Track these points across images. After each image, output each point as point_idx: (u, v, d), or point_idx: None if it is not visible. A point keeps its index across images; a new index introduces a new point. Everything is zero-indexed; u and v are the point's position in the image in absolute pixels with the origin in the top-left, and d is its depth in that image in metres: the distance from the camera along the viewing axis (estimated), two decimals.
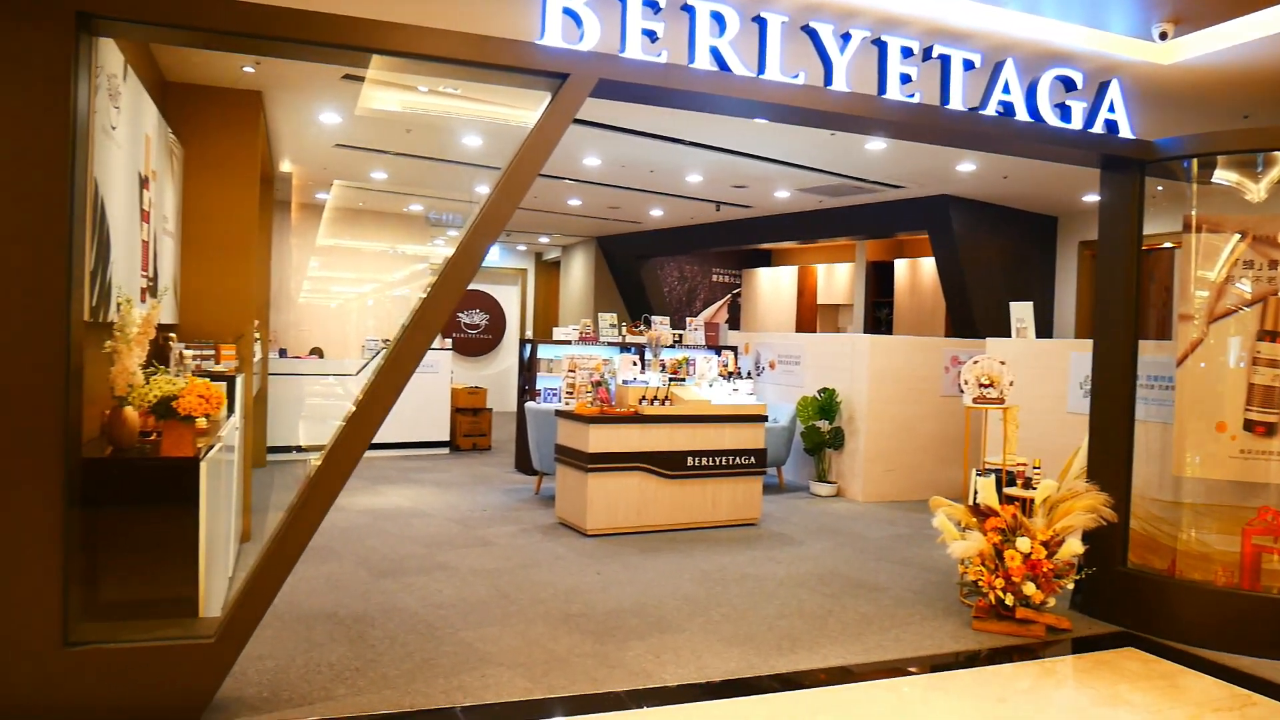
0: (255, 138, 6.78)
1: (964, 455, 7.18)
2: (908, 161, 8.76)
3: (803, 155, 8.76)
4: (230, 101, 6.65)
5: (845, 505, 8.98)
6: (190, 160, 6.54)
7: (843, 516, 8.40)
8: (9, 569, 3.34)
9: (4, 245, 3.28)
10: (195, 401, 3.66)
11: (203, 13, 3.52)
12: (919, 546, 7.20)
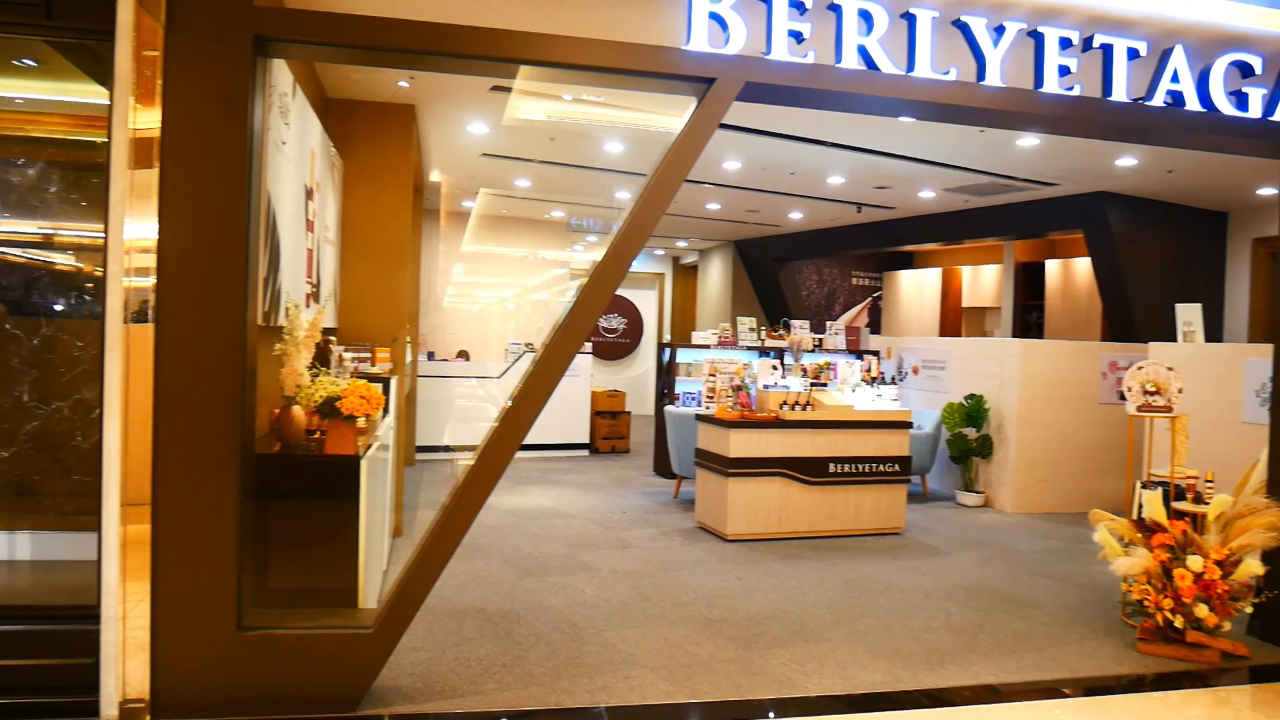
0: (409, 149, 7.06)
1: (1127, 466, 6.80)
2: (1062, 158, 8.37)
3: (949, 154, 8.49)
4: (386, 115, 6.95)
5: (994, 516, 8.65)
6: (349, 172, 6.87)
7: (991, 528, 8.09)
8: (194, 557, 3.58)
9: (191, 254, 3.52)
10: (357, 402, 3.84)
11: (366, 31, 3.70)
12: (1075, 561, 6.86)
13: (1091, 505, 5.80)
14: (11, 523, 4.40)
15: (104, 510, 3.54)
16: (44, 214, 4.41)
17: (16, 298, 4.39)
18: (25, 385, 4.34)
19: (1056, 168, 8.83)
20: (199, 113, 3.51)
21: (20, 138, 4.45)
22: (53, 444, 4.38)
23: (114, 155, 3.49)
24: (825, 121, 7.35)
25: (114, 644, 3.57)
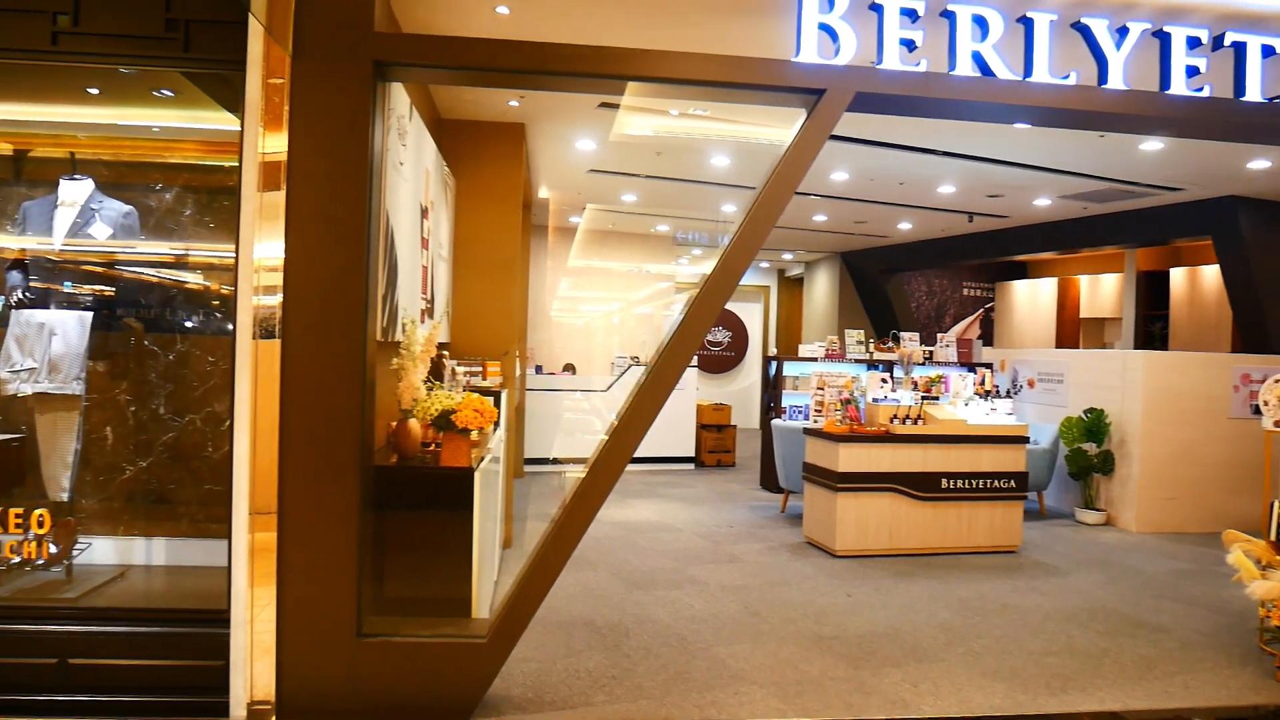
0: (519, 167, 7.21)
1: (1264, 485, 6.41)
2: (1188, 162, 7.98)
3: (1067, 160, 8.19)
4: (496, 134, 7.11)
5: (1116, 535, 8.27)
6: (461, 190, 7.05)
7: (1114, 548, 7.74)
8: (317, 565, 3.71)
9: (315, 272, 3.67)
10: (471, 415, 3.92)
11: (481, 53, 3.79)
12: (1207, 584, 6.50)
13: (1223, 525, 5.49)
14: (148, 529, 4.63)
15: (234, 519, 3.70)
16: (179, 236, 4.64)
17: (153, 315, 4.63)
18: (161, 399, 4.58)
19: (1183, 172, 8.43)
20: (323, 136, 3.66)
21: (158, 164, 4.70)
22: (186, 454, 4.60)
23: (244, 178, 3.66)
24: (936, 130, 7.19)
25: (243, 648, 3.72)
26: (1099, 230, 11.12)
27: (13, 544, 4.03)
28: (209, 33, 3.85)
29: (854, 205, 10.86)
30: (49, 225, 4.31)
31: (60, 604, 3.94)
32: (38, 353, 4.18)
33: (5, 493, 4.20)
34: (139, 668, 3.80)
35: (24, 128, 4.74)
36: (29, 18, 3.81)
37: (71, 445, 4.28)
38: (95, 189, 4.37)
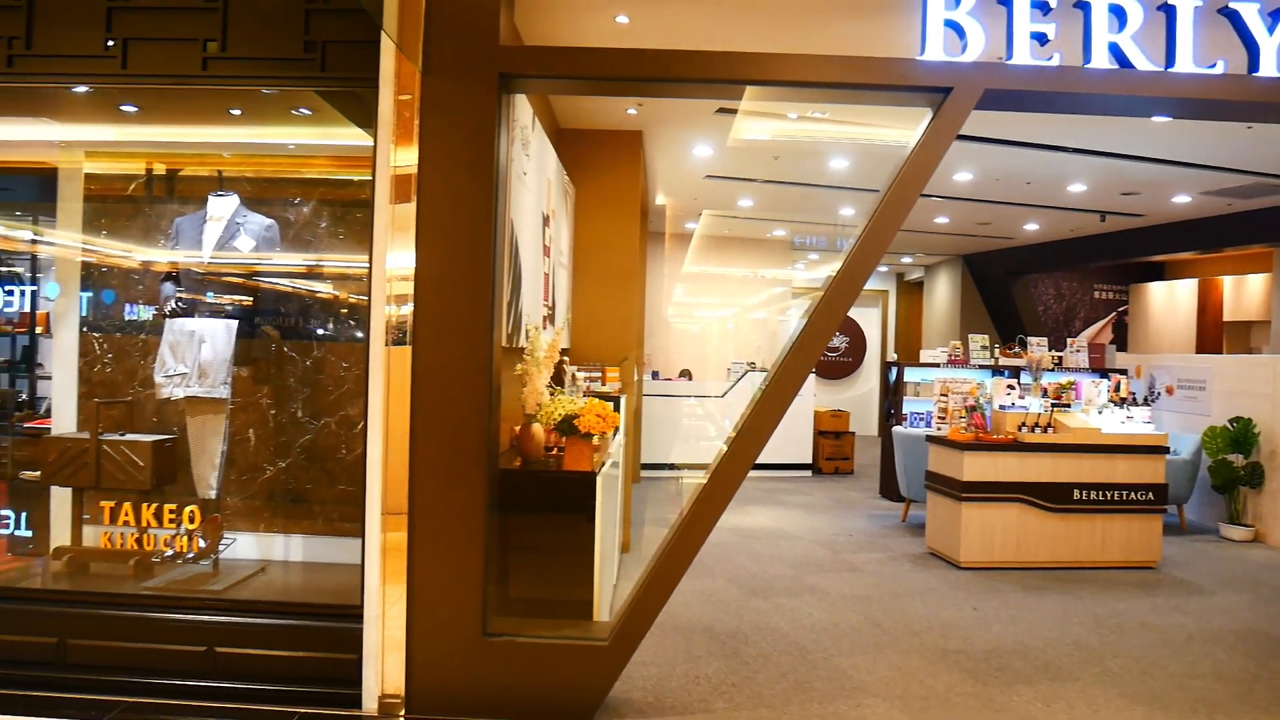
0: (637, 174, 7.27)
1: None
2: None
3: (1210, 154, 7.76)
4: (615, 142, 7.20)
5: (1266, 553, 7.77)
6: (580, 198, 7.16)
7: (1264, 566, 7.27)
8: (445, 564, 3.82)
9: (443, 280, 3.78)
10: (594, 420, 3.97)
11: (603, 63, 3.84)
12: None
13: None
14: (286, 526, 4.85)
15: (367, 519, 3.84)
16: (315, 247, 4.86)
17: (292, 323, 4.85)
18: (299, 403, 4.79)
19: None
20: (452, 149, 3.77)
21: (296, 179, 4.94)
22: (321, 456, 4.81)
23: (377, 191, 3.81)
24: (1066, 126, 6.92)
25: (375, 642, 3.86)
26: (1245, 228, 10.49)
27: (167, 538, 4.29)
28: (344, 52, 4.02)
29: (977, 206, 10.55)
30: (198, 239, 4.57)
31: (208, 596, 4.17)
32: (189, 359, 4.44)
33: (159, 490, 4.47)
34: (279, 658, 3.98)
35: (175, 148, 5.05)
36: (182, 46, 4.05)
37: (219, 446, 4.53)
38: (240, 204, 4.62)
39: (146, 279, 4.90)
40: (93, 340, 4.92)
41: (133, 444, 4.40)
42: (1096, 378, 8.66)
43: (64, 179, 4.95)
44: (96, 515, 4.51)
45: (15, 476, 4.87)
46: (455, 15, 3.78)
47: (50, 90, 4.42)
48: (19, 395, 9.62)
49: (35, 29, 4.14)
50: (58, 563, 4.54)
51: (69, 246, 4.98)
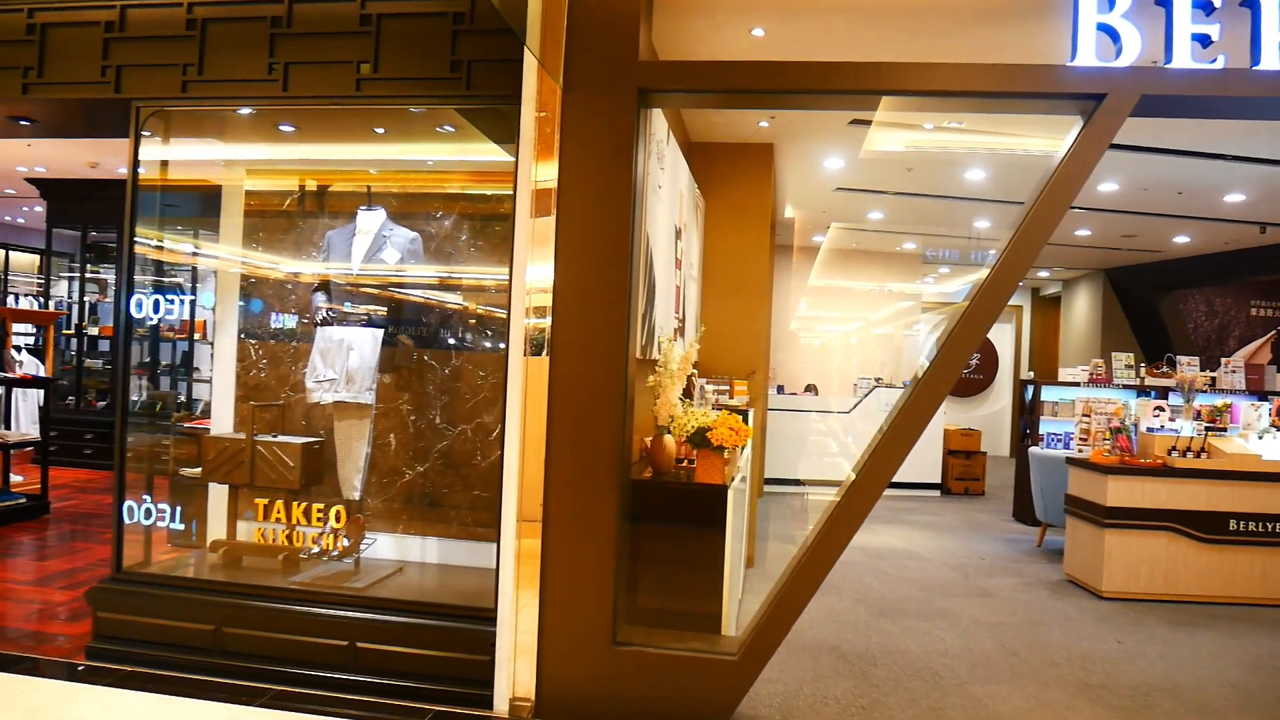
0: (767, 187, 7.25)
1: None
2: None
3: None
4: (745, 155, 7.19)
5: None
6: (710, 211, 7.17)
7: None
8: (577, 572, 3.87)
9: (581, 292, 3.84)
10: (727, 433, 3.96)
11: (741, 76, 3.85)
12: None
13: None
14: (423, 529, 5.01)
15: (502, 525, 3.93)
16: (455, 260, 5.02)
17: (432, 333, 5.02)
18: (437, 410, 4.95)
19: None
20: (591, 163, 3.84)
21: (438, 194, 5.11)
22: (457, 462, 4.95)
23: (518, 205, 3.91)
24: (1225, 133, 6.55)
25: (507, 646, 3.94)
26: None
27: (314, 536, 4.49)
28: (488, 71, 4.16)
29: (1123, 218, 10.07)
30: (348, 251, 4.79)
31: (351, 593, 4.34)
32: (338, 365, 4.64)
33: (306, 490, 4.68)
34: (416, 655, 4.11)
35: (326, 165, 5.31)
36: (338, 68, 4.27)
37: (363, 450, 4.72)
38: (387, 218, 4.81)
39: (299, 289, 5.16)
40: (249, 346, 5.20)
41: (284, 445, 4.63)
42: (1255, 400, 8.14)
43: (227, 195, 5.26)
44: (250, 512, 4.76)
45: (176, 473, 5.19)
46: (596, 33, 3.86)
47: (217, 112, 4.71)
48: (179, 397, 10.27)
49: (206, 56, 4.42)
50: (214, 555, 4.81)
51: (230, 259, 5.29)
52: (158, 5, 4.50)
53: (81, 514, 7.80)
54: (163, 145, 4.73)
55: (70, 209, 10.62)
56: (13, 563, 6.27)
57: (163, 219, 4.89)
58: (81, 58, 4.59)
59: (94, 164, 9.53)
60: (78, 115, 5.01)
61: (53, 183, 10.51)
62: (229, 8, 4.42)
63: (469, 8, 4.18)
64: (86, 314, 10.75)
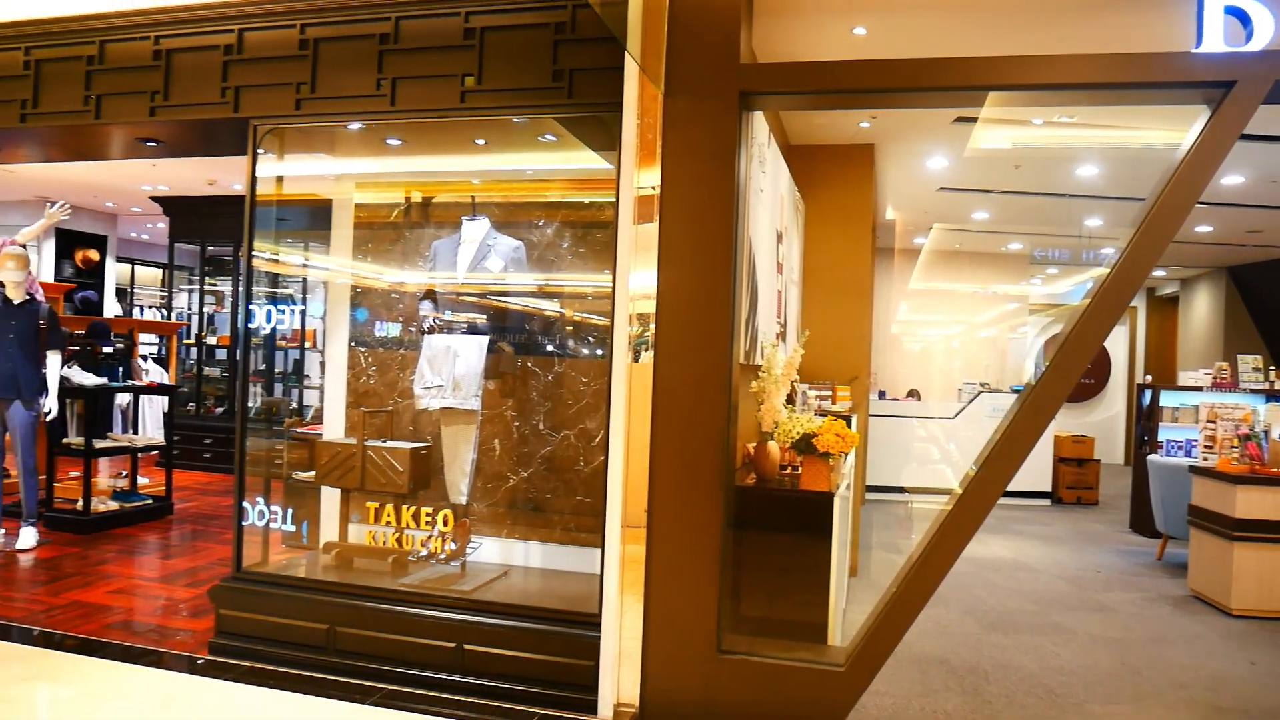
0: (868, 189, 7.12)
1: None
2: None
3: None
4: (845, 157, 7.08)
5: None
6: (810, 214, 7.09)
7: None
8: (681, 579, 3.85)
9: (684, 298, 3.83)
10: (833, 439, 3.89)
11: (846, 76, 3.78)
12: None
13: None
14: (526, 534, 5.06)
15: (607, 531, 3.93)
16: (556, 267, 5.07)
17: (535, 339, 5.08)
18: (540, 415, 5.00)
19: None
20: (693, 169, 3.82)
21: (539, 203, 5.17)
22: (560, 467, 4.99)
23: (621, 212, 3.92)
24: None
25: (611, 652, 3.94)
26: None
27: (423, 539, 4.58)
28: (589, 80, 4.18)
29: (1248, 212, 9.56)
30: (453, 260, 4.89)
31: (458, 595, 4.41)
32: (444, 372, 4.74)
33: (414, 494, 4.78)
34: (521, 659, 4.15)
35: (431, 177, 5.43)
36: (444, 81, 4.36)
37: (470, 455, 4.80)
38: (490, 227, 4.89)
39: (406, 298, 5.29)
40: (359, 354, 5.35)
41: (393, 450, 4.75)
42: None
43: (337, 208, 5.42)
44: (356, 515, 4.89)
45: (289, 477, 5.36)
46: (696, 38, 3.84)
47: (328, 128, 4.86)
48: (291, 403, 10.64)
49: (318, 74, 4.57)
50: (327, 556, 4.95)
51: (341, 270, 5.46)
52: (273, 27, 4.67)
53: (202, 515, 8.15)
54: (277, 161, 4.91)
55: (190, 225, 11.14)
56: (141, 560, 6.58)
57: (277, 233, 5.07)
58: (203, 80, 4.80)
59: (212, 181, 9.97)
60: (198, 135, 5.25)
61: (174, 200, 11.04)
62: (339, 27, 4.56)
63: (570, 18, 4.21)
64: (205, 324, 11.25)
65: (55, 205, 7.62)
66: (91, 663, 4.44)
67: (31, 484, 6.59)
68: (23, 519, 6.60)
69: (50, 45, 5.15)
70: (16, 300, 6.51)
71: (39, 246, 11.66)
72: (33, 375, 6.49)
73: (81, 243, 12.36)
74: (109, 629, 4.95)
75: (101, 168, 9.37)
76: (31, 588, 5.70)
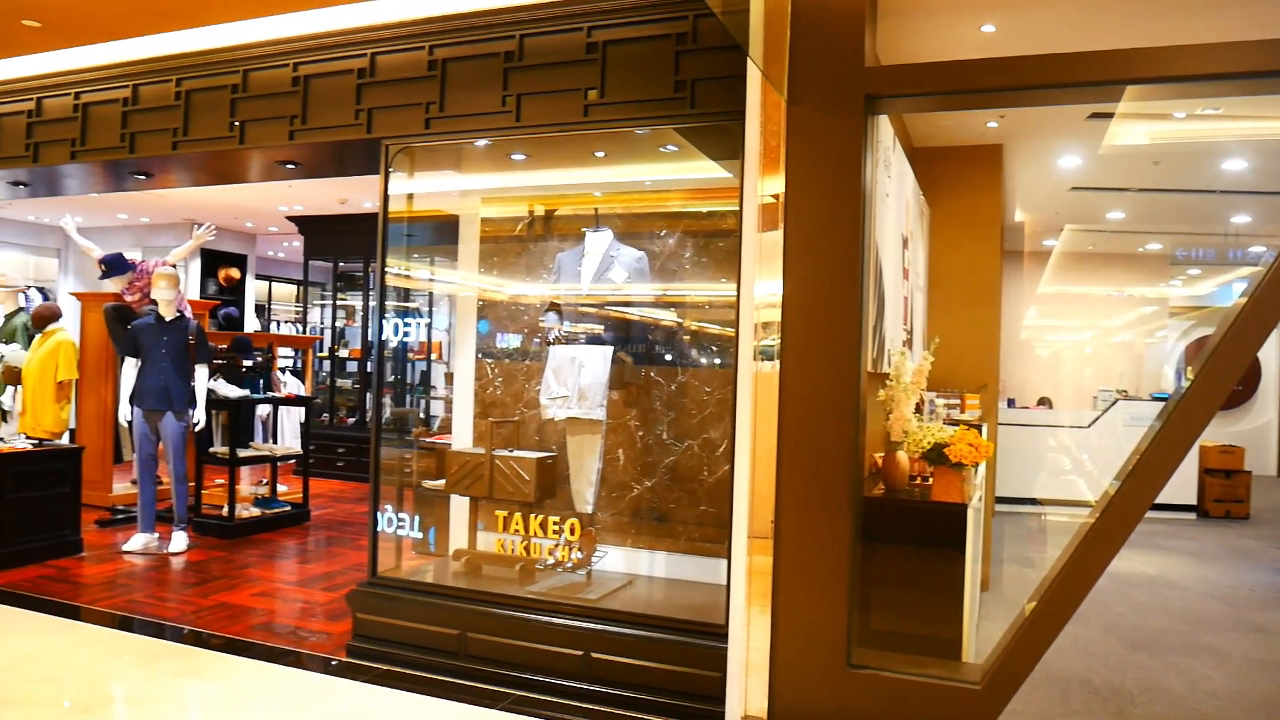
0: (996, 191, 6.91)
1: None
2: None
3: None
4: (972, 159, 6.88)
5: None
6: (935, 218, 6.91)
7: None
8: (811, 590, 3.79)
9: (811, 305, 3.78)
10: (966, 449, 3.78)
11: (976, 75, 3.68)
12: None
13: None
14: (651, 543, 5.08)
15: (733, 542, 3.91)
16: (677, 277, 5.08)
17: (657, 350, 5.10)
18: (664, 425, 5.02)
19: None
20: (817, 175, 3.78)
21: (659, 213, 5.20)
22: (683, 477, 4.99)
23: (745, 220, 3.90)
24: None
25: (739, 663, 3.91)
26: None
27: (551, 548, 4.65)
28: (711, 89, 4.19)
29: None
30: (577, 272, 4.96)
31: (585, 604, 4.46)
32: (570, 383, 4.80)
33: (540, 503, 4.86)
34: (648, 668, 4.17)
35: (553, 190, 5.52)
36: (567, 95, 4.44)
37: (595, 465, 4.85)
38: (613, 238, 4.94)
39: (530, 310, 5.39)
40: (485, 365, 5.48)
41: (520, 460, 4.84)
42: None
43: (464, 223, 5.57)
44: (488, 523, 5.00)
45: (418, 485, 5.53)
46: (820, 43, 3.80)
47: (454, 146, 5.00)
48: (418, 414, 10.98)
49: (446, 93, 4.72)
50: (456, 563, 5.08)
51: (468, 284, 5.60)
52: (403, 50, 4.85)
53: (336, 521, 8.48)
54: (407, 179, 5.08)
55: (323, 242, 11.64)
56: (280, 564, 6.89)
57: (408, 248, 5.25)
58: (337, 103, 5.01)
59: (343, 200, 10.40)
60: (331, 156, 5.49)
61: (308, 219, 11.56)
62: (466, 47, 4.70)
63: (691, 28, 4.23)
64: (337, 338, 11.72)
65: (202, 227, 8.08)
66: (237, 661, 4.66)
67: (182, 491, 6.98)
68: (174, 524, 7.00)
69: (199, 76, 5.47)
70: (168, 317, 6.91)
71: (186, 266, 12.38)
72: (183, 388, 6.88)
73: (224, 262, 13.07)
74: (253, 630, 5.19)
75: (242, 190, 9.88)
76: (183, 589, 6.04)
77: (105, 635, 5.02)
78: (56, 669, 4.48)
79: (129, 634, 5.07)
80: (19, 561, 6.37)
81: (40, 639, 4.90)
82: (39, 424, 7.53)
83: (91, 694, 4.25)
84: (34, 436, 7.16)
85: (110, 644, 4.89)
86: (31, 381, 7.62)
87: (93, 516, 7.71)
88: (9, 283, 8.52)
